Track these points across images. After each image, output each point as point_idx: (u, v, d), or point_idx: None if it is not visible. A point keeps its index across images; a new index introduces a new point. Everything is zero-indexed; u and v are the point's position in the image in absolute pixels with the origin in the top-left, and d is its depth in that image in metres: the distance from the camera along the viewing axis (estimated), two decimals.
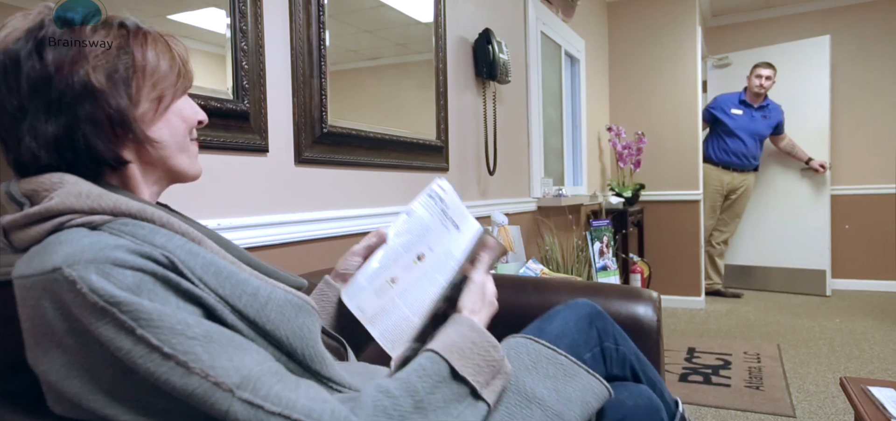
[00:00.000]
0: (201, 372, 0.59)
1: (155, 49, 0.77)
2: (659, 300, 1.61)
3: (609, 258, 3.13)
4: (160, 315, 0.59)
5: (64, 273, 0.59)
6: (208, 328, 0.62)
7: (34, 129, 0.69)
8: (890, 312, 4.04)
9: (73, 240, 0.63)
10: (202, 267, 0.67)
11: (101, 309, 0.58)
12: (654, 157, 4.45)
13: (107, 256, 0.61)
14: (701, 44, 4.52)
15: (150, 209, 0.71)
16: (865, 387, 1.41)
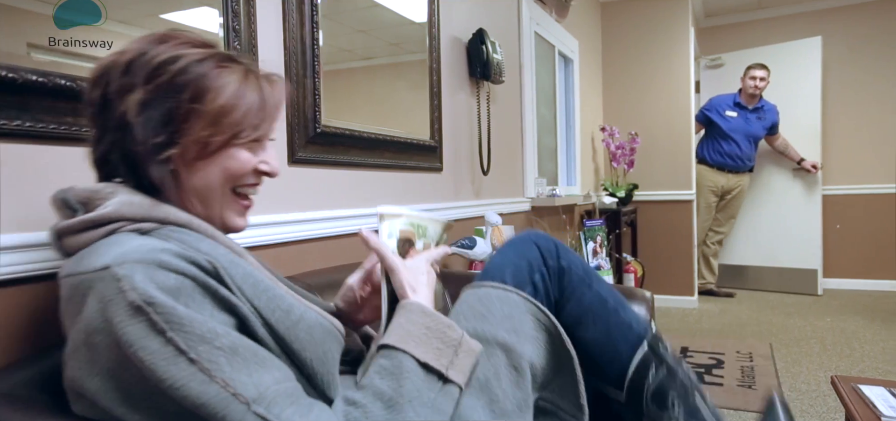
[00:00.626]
0: (222, 381, 0.60)
1: (227, 92, 0.74)
2: (652, 300, 1.61)
3: (602, 258, 3.14)
4: (192, 321, 0.61)
5: (112, 271, 0.62)
6: (234, 340, 0.63)
7: (98, 143, 0.75)
8: (880, 311, 4.07)
9: (123, 242, 0.66)
10: (242, 277, 0.69)
11: (137, 307, 0.60)
12: (647, 158, 4.46)
13: (153, 258, 0.63)
14: (694, 44, 4.54)
15: (197, 220, 0.74)
16: (856, 385, 1.42)
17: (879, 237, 4.87)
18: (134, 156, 0.73)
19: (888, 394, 1.36)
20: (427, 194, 2.12)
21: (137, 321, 0.60)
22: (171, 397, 0.60)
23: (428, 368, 0.72)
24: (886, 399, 1.33)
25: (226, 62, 0.76)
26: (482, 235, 2.14)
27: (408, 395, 0.69)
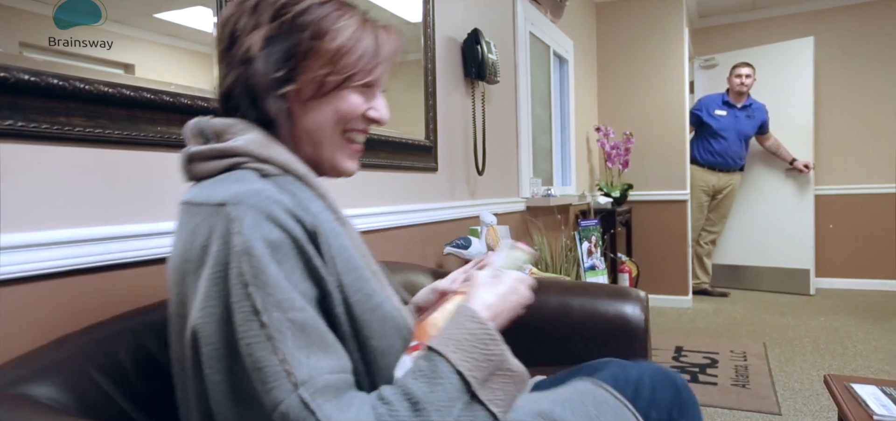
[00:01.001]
0: (281, 354, 0.62)
1: (345, 35, 0.78)
2: (646, 300, 1.62)
3: (597, 258, 3.15)
4: (276, 284, 0.64)
5: (227, 210, 0.66)
6: (306, 318, 0.65)
7: (224, 79, 0.79)
8: (872, 310, 4.09)
9: (245, 180, 0.70)
10: (338, 249, 0.72)
11: (237, 252, 0.64)
12: (642, 158, 4.47)
13: (266, 208, 0.66)
14: (688, 45, 4.56)
15: (312, 176, 0.79)
16: (848, 384, 1.43)
17: (871, 237, 4.90)
18: (255, 89, 0.76)
19: (880, 392, 1.37)
20: (422, 194, 2.12)
21: (232, 265, 0.64)
22: (240, 349, 0.63)
23: (460, 376, 0.68)
24: (878, 398, 1.34)
25: (345, 7, 0.81)
26: (477, 235, 2.14)
27: (437, 402, 0.66)
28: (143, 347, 0.90)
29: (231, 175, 0.72)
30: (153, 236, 1.11)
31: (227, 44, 0.79)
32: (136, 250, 1.07)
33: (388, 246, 1.91)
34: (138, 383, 0.87)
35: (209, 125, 0.79)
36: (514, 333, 1.75)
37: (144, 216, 1.11)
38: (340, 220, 0.77)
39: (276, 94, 0.77)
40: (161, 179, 1.14)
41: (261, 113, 0.78)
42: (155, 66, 1.17)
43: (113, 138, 1.03)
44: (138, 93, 1.07)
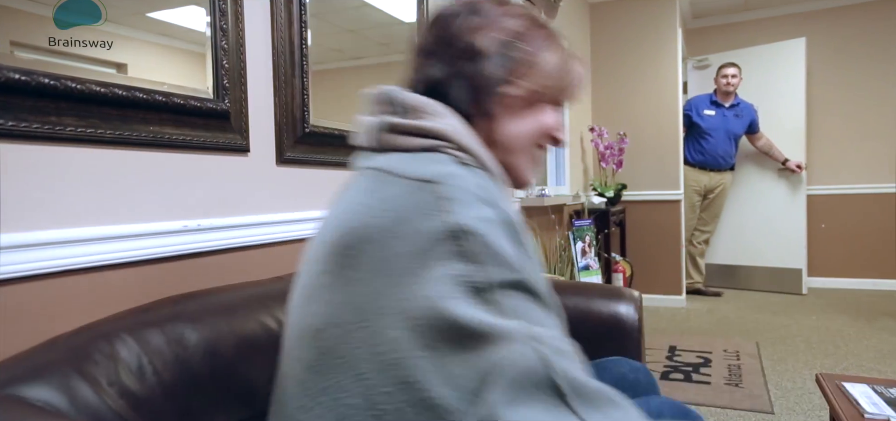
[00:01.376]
0: (511, 318, 0.60)
1: (554, 55, 0.82)
2: (640, 299, 1.62)
3: (591, 258, 3.16)
4: (496, 253, 0.62)
5: (435, 187, 0.65)
6: (529, 282, 0.64)
7: (430, 68, 0.80)
8: (864, 310, 4.12)
9: (445, 163, 0.70)
10: (529, 245, 0.70)
11: (454, 229, 0.62)
12: (635, 158, 4.49)
13: (476, 191, 0.66)
14: (681, 45, 4.57)
15: (501, 179, 0.80)
16: (840, 383, 1.44)
17: (863, 237, 4.93)
18: (478, 84, 0.78)
19: (871, 391, 1.38)
20: None
21: (447, 244, 0.61)
22: (463, 322, 0.59)
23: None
24: (869, 396, 1.35)
25: (555, 34, 0.86)
26: None
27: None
28: (136, 348, 0.90)
29: (430, 156, 0.72)
30: (145, 237, 1.10)
31: (443, 37, 0.81)
32: (128, 251, 1.07)
33: None
34: (131, 384, 0.87)
35: (401, 97, 0.78)
36: None
37: (137, 217, 1.10)
38: (524, 223, 0.79)
39: (495, 93, 0.79)
40: (154, 180, 1.14)
41: (471, 108, 0.79)
42: (148, 66, 1.16)
43: (105, 138, 1.03)
44: (131, 92, 1.06)
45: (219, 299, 1.09)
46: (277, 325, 1.12)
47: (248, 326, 1.07)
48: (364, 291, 0.65)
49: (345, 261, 0.67)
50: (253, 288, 1.20)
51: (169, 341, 0.93)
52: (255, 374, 1.02)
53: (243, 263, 1.37)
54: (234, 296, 1.12)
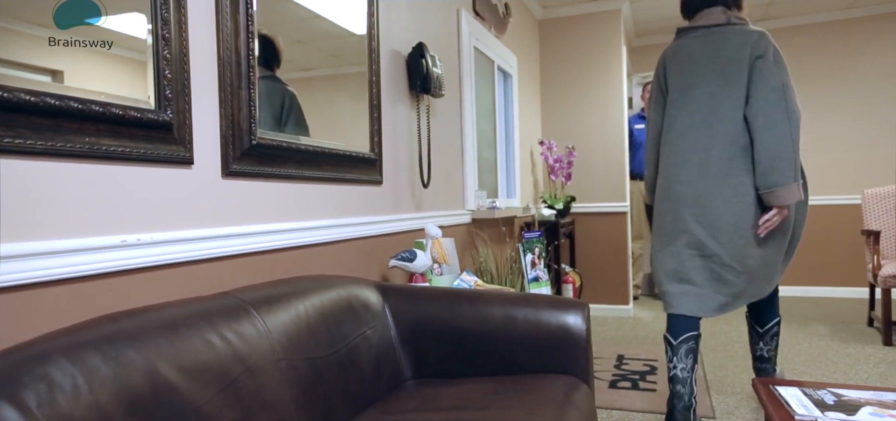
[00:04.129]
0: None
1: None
2: (588, 310, 1.66)
3: (541, 269, 3.20)
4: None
5: (763, 33, 2.03)
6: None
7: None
8: (796, 315, 4.34)
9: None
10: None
11: (775, 48, 2.04)
12: (584, 171, 4.60)
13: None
14: (626, 62, 4.74)
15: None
16: (773, 387, 1.51)
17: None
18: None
19: (801, 394, 1.45)
20: (367, 207, 2.11)
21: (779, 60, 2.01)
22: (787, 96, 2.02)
23: None
24: (800, 399, 1.42)
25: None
26: (422, 248, 2.15)
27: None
28: (70, 369, 0.85)
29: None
30: (79, 253, 1.05)
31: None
32: (61, 267, 1.02)
33: (331, 259, 1.89)
34: (65, 407, 0.82)
35: (731, 11, 2.15)
36: (459, 345, 1.76)
37: (70, 231, 1.05)
38: None
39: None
40: (90, 193, 1.09)
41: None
42: (86, 74, 1.12)
43: (35, 149, 0.98)
44: (64, 101, 1.02)
45: (160, 316, 1.05)
46: (223, 342, 1.09)
47: (191, 344, 1.03)
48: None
49: (736, 72, 2.07)
50: (196, 304, 1.16)
51: (106, 360, 0.89)
52: (199, 393, 0.99)
53: (187, 279, 1.32)
54: (176, 312, 1.09)
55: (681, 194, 2.14)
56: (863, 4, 4.90)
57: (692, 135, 2.13)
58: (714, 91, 2.09)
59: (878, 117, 5.01)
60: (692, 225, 2.11)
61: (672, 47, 2.33)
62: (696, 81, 2.15)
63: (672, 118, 2.20)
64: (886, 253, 3.91)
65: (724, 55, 2.08)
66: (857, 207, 4.87)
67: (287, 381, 1.22)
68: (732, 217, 2.06)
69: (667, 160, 2.20)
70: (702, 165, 2.09)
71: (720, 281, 2.14)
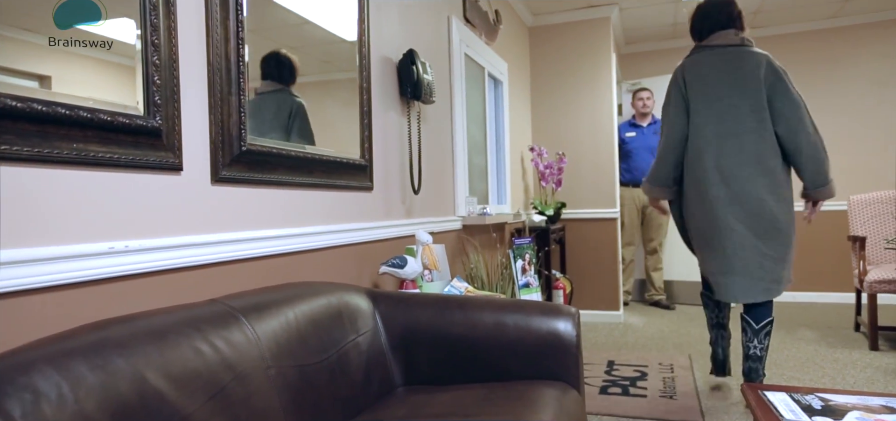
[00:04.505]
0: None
1: None
2: (578, 316, 1.66)
3: (531, 275, 3.21)
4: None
5: (766, 54, 2.44)
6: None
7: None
8: (785, 321, 4.37)
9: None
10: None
11: (779, 66, 2.43)
12: (574, 177, 4.62)
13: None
14: (616, 69, 4.77)
15: None
16: (762, 392, 1.52)
17: None
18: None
19: (789, 399, 1.46)
20: (357, 213, 2.11)
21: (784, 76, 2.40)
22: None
23: None
24: (788, 404, 1.43)
25: None
26: (413, 254, 2.14)
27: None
28: (56, 377, 0.84)
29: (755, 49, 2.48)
30: (65, 260, 1.04)
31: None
32: (47, 275, 1.01)
33: (322, 266, 1.88)
34: (50, 415, 0.81)
35: (738, 36, 2.50)
36: (450, 351, 1.76)
37: (57, 238, 1.04)
38: None
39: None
40: (77, 199, 1.09)
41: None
42: (74, 79, 1.11)
43: (21, 156, 0.97)
44: (51, 108, 1.01)
45: (148, 323, 1.04)
46: (212, 350, 1.08)
47: (180, 351, 1.03)
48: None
49: (764, 92, 2.43)
50: (185, 311, 1.15)
51: (93, 368, 0.88)
52: (187, 401, 0.98)
53: (176, 286, 1.31)
54: (164, 320, 1.08)
55: (716, 196, 2.44)
56: (847, 14, 4.97)
57: (722, 142, 2.44)
58: (735, 103, 2.43)
59: (863, 125, 5.08)
60: (732, 222, 2.42)
61: (691, 60, 2.64)
62: (719, 94, 2.47)
63: (698, 128, 2.51)
64: (872, 259, 3.96)
65: (742, 72, 2.44)
66: (843, 214, 4.92)
67: (277, 388, 1.22)
68: (767, 213, 2.40)
69: (699, 165, 2.50)
70: (734, 169, 2.41)
71: (762, 268, 2.43)
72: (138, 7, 1.20)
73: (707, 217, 2.49)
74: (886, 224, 3.94)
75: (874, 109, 5.05)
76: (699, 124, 2.50)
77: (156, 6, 1.23)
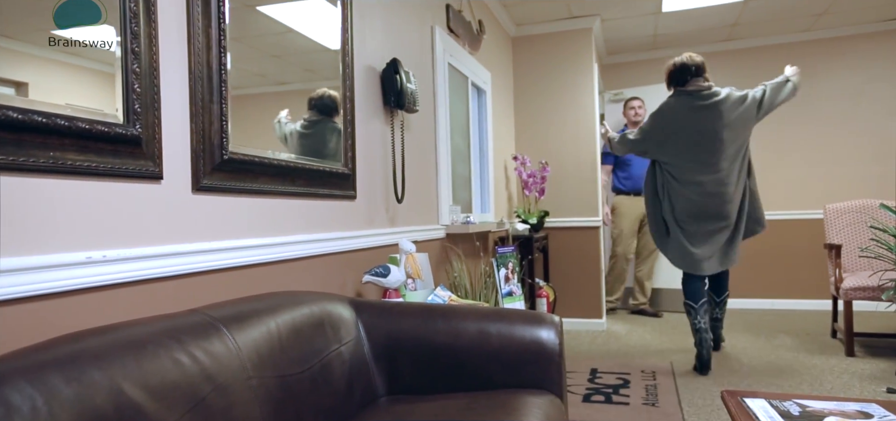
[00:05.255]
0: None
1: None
2: (561, 324, 1.67)
3: (514, 284, 3.22)
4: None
5: (730, 93, 3.37)
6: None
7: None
8: (764, 328, 4.44)
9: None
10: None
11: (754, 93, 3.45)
12: (557, 186, 4.65)
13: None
14: (598, 79, 4.82)
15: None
16: (741, 399, 1.54)
17: (761, 261, 5.33)
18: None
19: (768, 405, 1.48)
20: (341, 222, 2.10)
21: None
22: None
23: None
24: (766, 410, 1.45)
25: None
26: (396, 263, 2.14)
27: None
28: (29, 391, 0.82)
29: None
30: (40, 270, 1.03)
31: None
32: (19, 286, 0.99)
33: (304, 275, 1.87)
34: None
35: (702, 83, 3.34)
36: (433, 361, 1.75)
37: (30, 248, 1.03)
38: None
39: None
40: (53, 208, 1.07)
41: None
42: (52, 86, 1.10)
43: None
44: (27, 115, 1.00)
45: (126, 334, 1.02)
46: (192, 361, 1.07)
47: (158, 363, 1.01)
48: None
49: (742, 132, 3.36)
50: (164, 321, 1.14)
51: (68, 381, 0.86)
52: (165, 414, 0.96)
53: (155, 296, 1.30)
54: (142, 330, 1.06)
55: (708, 208, 3.34)
56: (822, 27, 5.08)
57: (705, 170, 3.30)
58: (713, 142, 3.28)
59: (839, 135, 5.19)
60: (713, 227, 3.37)
61: (673, 103, 3.44)
62: (696, 135, 3.30)
63: (681, 158, 3.37)
64: (848, 266, 4.04)
65: (713, 114, 3.29)
66: (819, 222, 5.01)
67: (258, 399, 1.20)
68: (735, 222, 3.41)
69: (685, 189, 3.36)
70: (714, 192, 3.31)
71: (727, 256, 3.47)
72: (119, 14, 1.19)
73: (698, 226, 3.46)
74: (861, 232, 4.02)
75: (848, 120, 5.16)
76: (681, 155, 3.51)
77: (136, 13, 1.22)
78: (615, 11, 4.53)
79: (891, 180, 5.00)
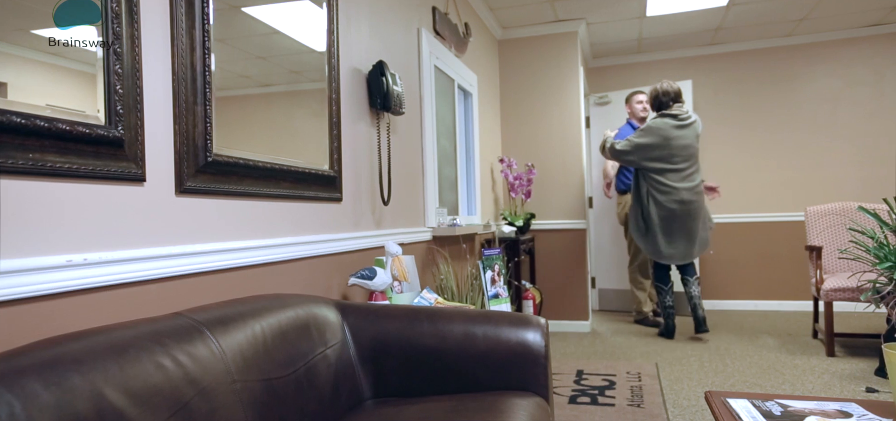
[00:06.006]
0: None
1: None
2: (546, 326, 1.68)
3: (500, 286, 3.22)
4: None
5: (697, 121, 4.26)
6: None
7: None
8: (747, 329, 4.49)
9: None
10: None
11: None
12: (543, 188, 4.67)
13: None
14: (583, 83, 4.85)
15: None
16: (725, 399, 1.55)
17: (745, 262, 5.39)
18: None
19: (751, 405, 1.50)
20: (326, 225, 2.09)
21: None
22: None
23: None
24: (749, 411, 1.46)
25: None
26: (382, 266, 2.13)
27: None
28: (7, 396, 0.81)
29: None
30: (17, 274, 1.01)
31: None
32: (1, 289, 0.97)
33: (291, 277, 1.86)
34: None
35: (680, 108, 4.12)
36: (419, 363, 1.75)
37: (10, 251, 1.01)
38: None
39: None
40: (32, 211, 1.05)
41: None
42: (32, 86, 1.08)
43: None
44: (6, 116, 0.98)
45: (107, 338, 1.01)
46: (175, 365, 1.06)
47: (141, 367, 1.00)
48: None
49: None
50: (147, 325, 1.12)
51: (47, 386, 0.85)
52: (149, 418, 0.95)
53: (138, 300, 1.28)
54: (124, 334, 1.05)
55: (683, 213, 4.10)
56: (803, 32, 5.16)
57: (683, 182, 4.10)
58: (688, 155, 4.12)
59: (819, 138, 5.27)
60: (690, 225, 4.13)
61: (660, 122, 4.12)
62: (678, 149, 4.09)
63: (663, 170, 4.10)
64: (828, 268, 4.10)
65: (691, 132, 4.12)
66: (800, 224, 5.09)
67: (242, 403, 1.19)
68: (703, 222, 4.19)
69: (666, 197, 4.10)
70: (688, 200, 4.08)
71: (690, 251, 4.19)
72: (100, 15, 1.18)
73: (678, 225, 4.18)
74: (841, 234, 4.08)
75: (828, 124, 5.25)
76: (663, 168, 4.18)
77: (119, 14, 1.21)
78: (600, 15, 4.57)
79: (870, 183, 5.09)
